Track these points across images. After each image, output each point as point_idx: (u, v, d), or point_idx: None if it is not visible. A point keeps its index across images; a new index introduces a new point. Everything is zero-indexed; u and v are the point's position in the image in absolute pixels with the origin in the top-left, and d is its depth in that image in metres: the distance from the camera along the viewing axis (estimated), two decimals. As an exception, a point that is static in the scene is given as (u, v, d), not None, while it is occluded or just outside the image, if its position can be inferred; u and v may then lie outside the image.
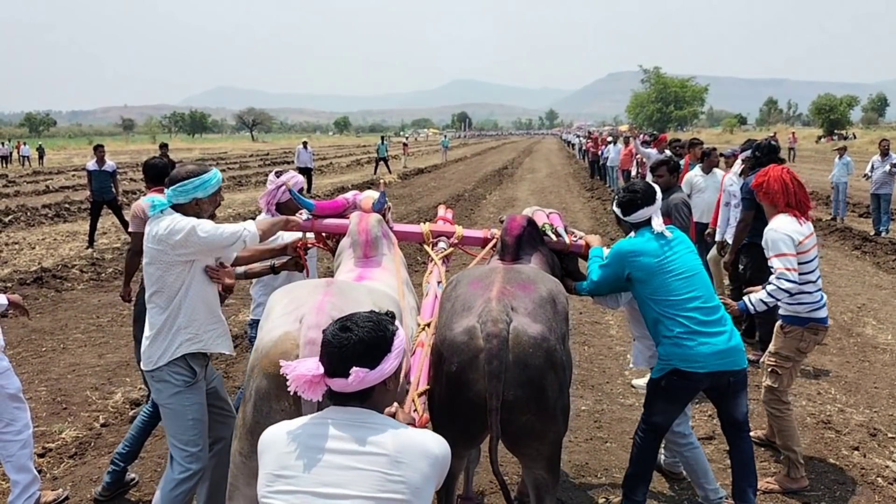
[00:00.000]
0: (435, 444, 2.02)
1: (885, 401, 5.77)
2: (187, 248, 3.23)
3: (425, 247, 4.29)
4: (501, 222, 3.98)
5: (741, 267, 6.61)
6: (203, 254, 3.32)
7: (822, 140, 59.14)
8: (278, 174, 4.30)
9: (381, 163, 31.21)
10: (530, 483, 3.08)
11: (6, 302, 3.93)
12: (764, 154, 6.16)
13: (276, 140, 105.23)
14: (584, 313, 8.28)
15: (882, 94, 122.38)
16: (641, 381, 6.14)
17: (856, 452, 4.83)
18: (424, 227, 4.30)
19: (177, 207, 3.37)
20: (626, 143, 21.41)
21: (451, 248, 4.26)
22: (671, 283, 3.55)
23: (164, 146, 15.84)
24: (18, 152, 43.92)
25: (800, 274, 4.18)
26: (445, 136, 55.95)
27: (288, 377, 2.08)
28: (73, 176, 30.43)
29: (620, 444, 4.89)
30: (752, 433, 4.76)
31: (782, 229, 4.23)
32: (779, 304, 4.27)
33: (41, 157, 43.05)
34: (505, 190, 23.87)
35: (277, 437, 2.01)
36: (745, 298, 4.17)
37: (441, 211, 4.81)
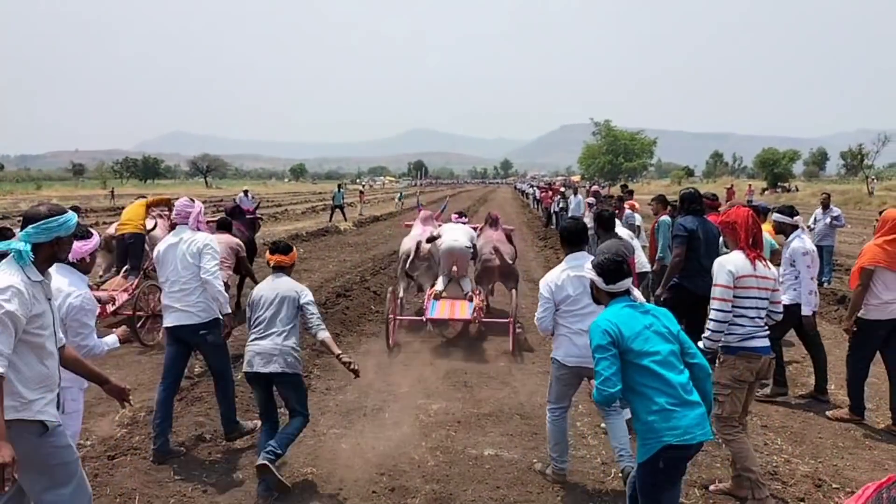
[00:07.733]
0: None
1: (830, 451, 5.87)
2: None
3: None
4: (488, 215, 10.59)
5: (662, 299, 7.03)
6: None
7: (766, 192, 61.20)
8: (192, 199, 5.66)
9: (337, 210, 31.19)
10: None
11: (118, 344, 4.07)
12: (687, 201, 7.11)
13: (230, 186, 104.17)
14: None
15: (822, 149, 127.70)
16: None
17: None
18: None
19: (35, 248, 3.15)
20: (587, 194, 21.96)
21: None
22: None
23: (75, 209, 14.92)
24: (-38, 197, 42.77)
25: (734, 306, 4.48)
26: (401, 193, 53.50)
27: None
28: (19, 221, 29.53)
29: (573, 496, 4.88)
30: (713, 487, 4.86)
31: (728, 262, 4.54)
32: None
33: (-14, 201, 41.89)
34: (460, 239, 23.95)
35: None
36: (700, 343, 4.35)
37: (454, 217, 10.47)
